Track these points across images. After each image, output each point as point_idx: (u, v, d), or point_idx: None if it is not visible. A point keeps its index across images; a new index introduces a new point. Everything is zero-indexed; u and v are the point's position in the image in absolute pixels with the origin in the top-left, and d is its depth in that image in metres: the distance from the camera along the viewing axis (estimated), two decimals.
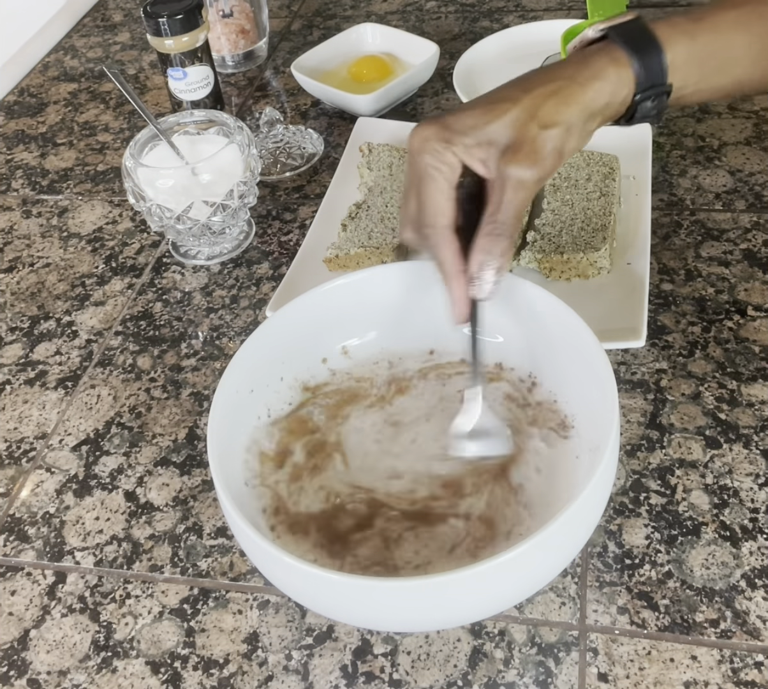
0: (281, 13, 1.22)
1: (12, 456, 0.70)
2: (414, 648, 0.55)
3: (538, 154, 0.52)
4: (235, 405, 0.57)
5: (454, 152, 0.53)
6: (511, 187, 0.52)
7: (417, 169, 0.54)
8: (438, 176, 0.53)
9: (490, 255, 0.53)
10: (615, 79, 0.54)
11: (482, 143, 0.53)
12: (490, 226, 0.53)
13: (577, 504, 0.46)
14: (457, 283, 0.55)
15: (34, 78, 1.17)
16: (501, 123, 0.53)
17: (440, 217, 0.54)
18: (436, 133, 0.53)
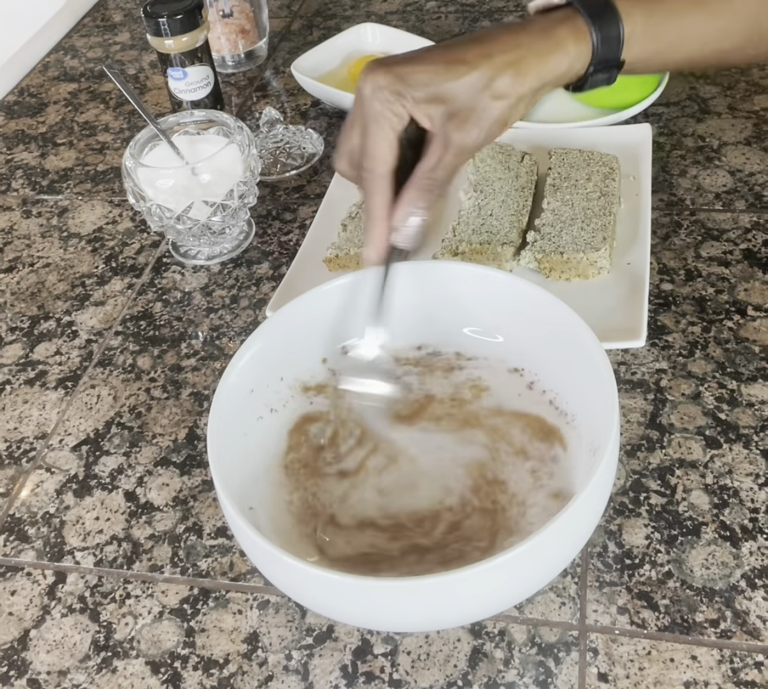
0: (281, 13, 1.22)
1: (12, 456, 0.70)
2: (414, 648, 0.55)
3: (485, 123, 0.55)
4: (235, 405, 0.57)
5: (403, 104, 0.54)
6: (452, 151, 0.55)
7: (365, 113, 0.55)
8: (385, 125, 0.55)
9: (417, 207, 0.56)
10: (574, 53, 0.56)
11: (432, 100, 0.54)
12: (423, 181, 0.56)
13: (577, 504, 0.46)
14: (379, 227, 0.56)
15: (34, 78, 1.17)
16: (455, 85, 0.54)
17: (380, 164, 0.56)
18: (389, 83, 0.54)
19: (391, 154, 0.55)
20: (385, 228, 0.56)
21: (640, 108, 0.89)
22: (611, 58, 0.57)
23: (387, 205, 0.56)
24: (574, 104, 0.93)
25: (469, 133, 0.55)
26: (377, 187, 0.56)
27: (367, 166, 0.56)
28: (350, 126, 0.58)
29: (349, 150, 0.59)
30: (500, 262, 0.74)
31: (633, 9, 0.57)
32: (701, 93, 0.94)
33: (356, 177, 0.59)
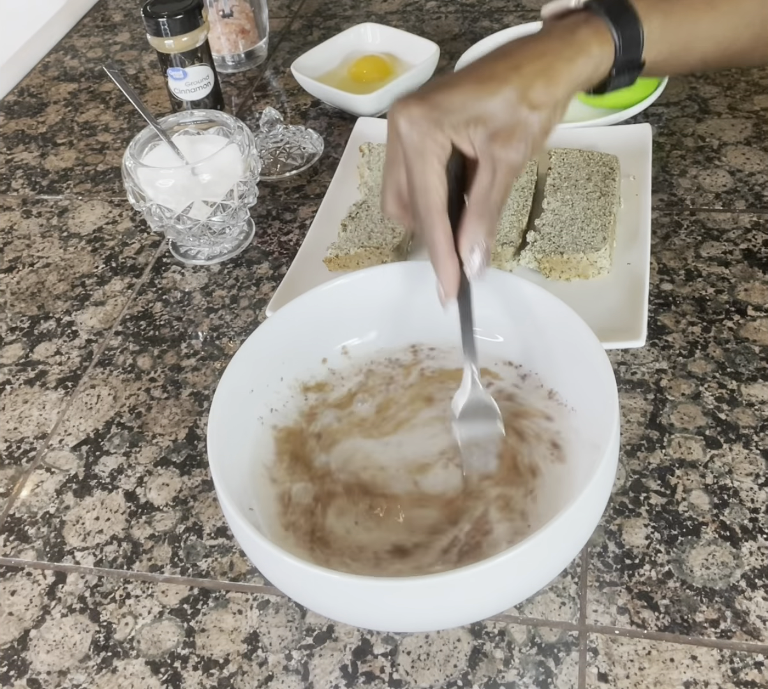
0: (281, 13, 1.22)
1: (12, 456, 0.70)
2: (414, 648, 0.55)
3: (529, 136, 0.54)
4: (235, 405, 0.57)
5: (444, 133, 0.53)
6: (502, 171, 0.54)
7: (406, 148, 0.54)
8: (431, 158, 0.53)
9: (480, 235, 0.54)
10: (598, 54, 0.56)
11: (471, 123, 0.53)
12: (479, 207, 0.54)
13: (577, 504, 0.46)
14: (449, 263, 0.55)
15: (34, 78, 1.17)
16: (491, 103, 0.53)
17: (434, 198, 0.54)
18: (426, 114, 0.53)
19: (442, 185, 0.54)
20: (454, 262, 0.55)
21: (640, 108, 0.89)
22: (633, 60, 0.57)
23: (450, 239, 0.55)
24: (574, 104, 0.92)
25: (516, 149, 0.53)
26: (436, 222, 0.54)
27: (421, 202, 0.54)
28: (391, 165, 0.56)
29: (395, 189, 0.57)
30: (500, 262, 0.74)
31: (650, 10, 0.57)
32: (701, 93, 0.94)
33: (406, 217, 0.58)
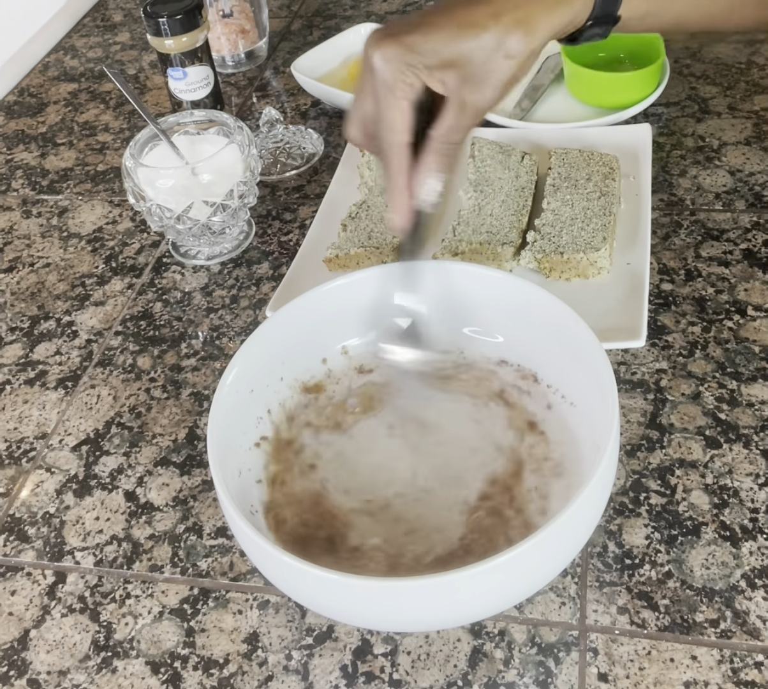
0: (281, 13, 1.22)
1: (12, 456, 0.70)
2: (414, 648, 0.55)
3: (500, 83, 0.55)
4: (235, 405, 0.57)
5: (416, 74, 0.55)
6: (468, 113, 0.56)
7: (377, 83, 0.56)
8: (400, 96, 0.55)
9: (434, 171, 0.56)
10: (578, 6, 0.57)
11: (445, 65, 0.54)
12: (440, 145, 0.56)
13: (577, 504, 0.46)
14: (403, 194, 0.57)
15: (34, 78, 1.17)
16: (467, 49, 0.54)
17: (398, 134, 0.56)
18: (401, 54, 0.54)
19: (407, 122, 0.56)
20: (408, 194, 0.57)
21: (640, 108, 0.89)
22: (609, 13, 0.58)
23: (407, 172, 0.57)
24: (574, 104, 0.93)
25: (485, 94, 0.55)
26: (396, 156, 0.56)
27: (385, 136, 0.56)
28: (360, 94, 0.58)
29: (360, 118, 0.59)
30: (500, 262, 0.74)
31: None
32: (701, 93, 0.94)
33: (368, 144, 0.60)
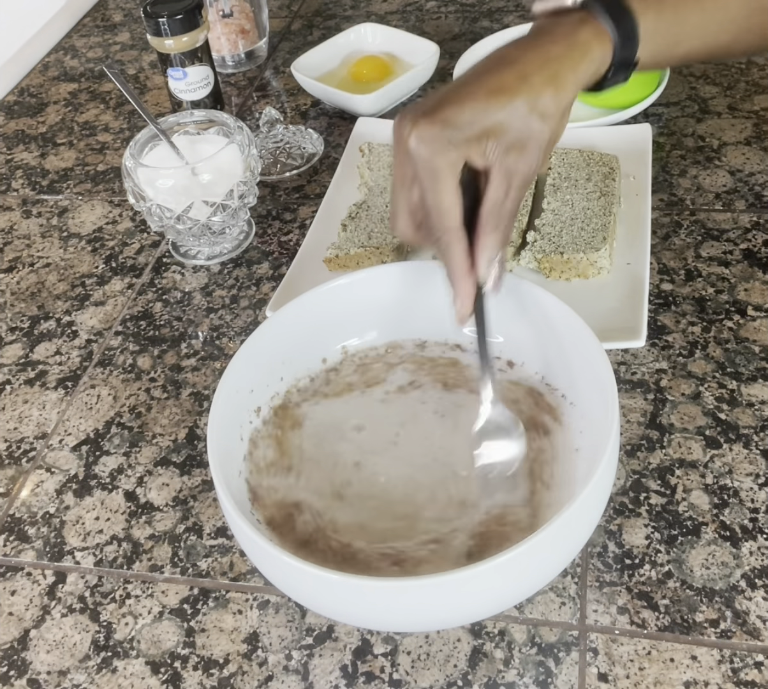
0: (281, 13, 1.22)
1: (12, 456, 0.70)
2: (414, 648, 0.55)
3: (541, 146, 0.54)
4: (235, 405, 0.57)
5: (458, 150, 0.53)
6: (517, 182, 0.54)
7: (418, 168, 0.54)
8: (446, 177, 0.53)
9: (496, 249, 0.55)
10: (599, 57, 0.56)
11: (483, 137, 0.53)
12: (493, 220, 0.54)
13: (577, 504, 0.46)
14: (468, 282, 0.55)
15: (34, 78, 1.17)
16: (502, 116, 0.53)
17: (452, 218, 0.54)
18: (437, 132, 0.52)
19: (458, 204, 0.54)
20: (472, 279, 0.55)
21: (640, 108, 0.89)
22: (628, 58, 0.57)
23: (468, 257, 0.55)
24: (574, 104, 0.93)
25: (530, 160, 0.54)
26: (454, 242, 0.54)
27: (439, 223, 0.54)
28: (401, 184, 0.56)
29: (408, 210, 0.57)
30: None
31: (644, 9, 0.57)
32: (701, 93, 0.94)
33: (423, 236, 0.58)
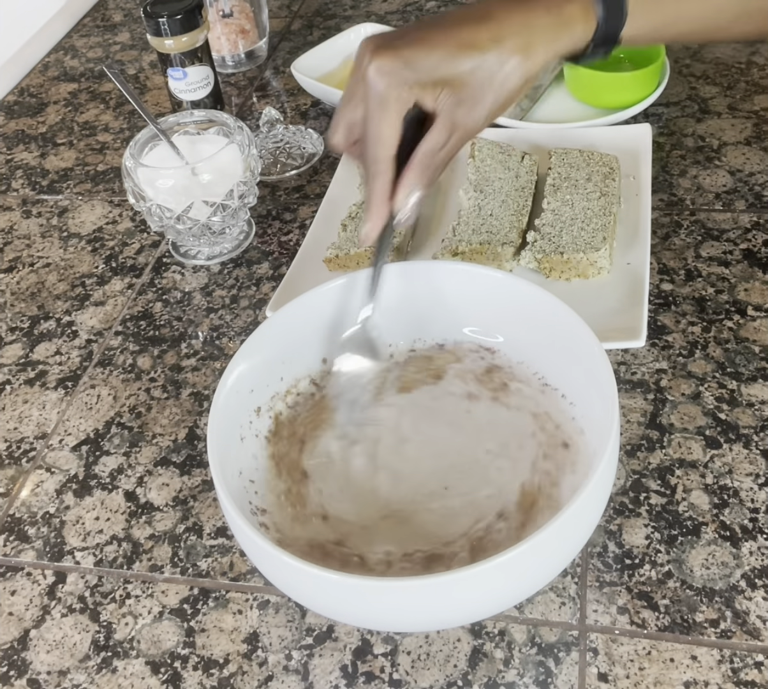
0: (281, 13, 1.22)
1: (12, 456, 0.70)
2: (414, 648, 0.55)
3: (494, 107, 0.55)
4: (235, 405, 0.57)
5: (411, 90, 0.54)
6: (458, 134, 0.56)
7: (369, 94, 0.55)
8: (392, 111, 0.55)
9: (417, 187, 0.57)
10: (581, 32, 0.57)
11: (440, 84, 0.54)
12: (425, 162, 0.56)
13: (577, 504, 0.46)
14: (382, 207, 0.57)
15: (34, 78, 1.17)
16: (465, 70, 0.54)
17: (385, 148, 0.56)
18: (397, 68, 0.54)
19: (395, 137, 0.56)
20: (387, 207, 0.57)
21: (640, 108, 0.89)
22: (611, 35, 0.58)
23: (389, 186, 0.57)
24: (574, 104, 0.93)
25: (476, 116, 0.55)
26: (380, 170, 0.56)
27: (371, 148, 0.56)
28: (350, 100, 0.58)
29: (347, 125, 0.59)
30: (500, 262, 0.74)
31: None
32: (701, 93, 0.94)
33: (350, 151, 0.60)
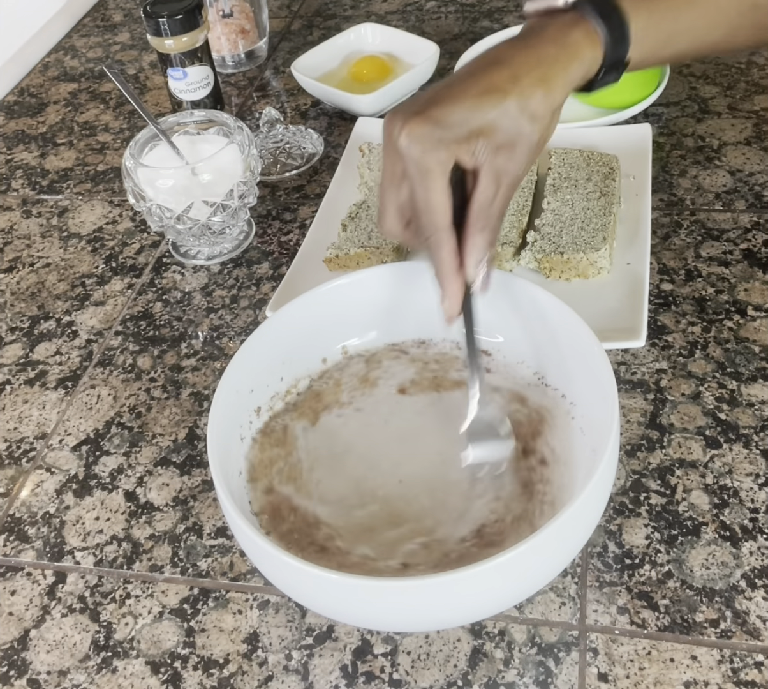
0: (281, 13, 1.22)
1: (12, 456, 0.70)
2: (414, 648, 0.55)
3: (531, 147, 0.54)
4: (235, 405, 0.57)
5: (448, 149, 0.53)
6: (506, 182, 0.54)
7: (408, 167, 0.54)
8: (436, 176, 0.53)
9: (484, 249, 0.55)
10: (590, 59, 0.56)
11: (472, 137, 0.53)
12: (482, 220, 0.54)
13: (577, 504, 0.46)
14: (456, 281, 0.55)
15: (34, 78, 1.17)
16: (493, 117, 0.53)
17: (442, 218, 0.54)
18: (428, 131, 0.52)
19: (447, 203, 0.54)
20: (460, 278, 0.55)
21: (640, 108, 0.89)
22: (619, 59, 0.57)
23: (455, 255, 0.55)
24: (574, 104, 0.93)
25: (519, 160, 0.54)
26: (443, 241, 0.54)
27: (428, 222, 0.54)
28: (390, 182, 0.56)
29: (396, 209, 0.57)
30: (500, 262, 0.74)
31: (635, 10, 0.57)
32: (701, 93, 0.94)
33: (410, 235, 0.58)
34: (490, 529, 0.54)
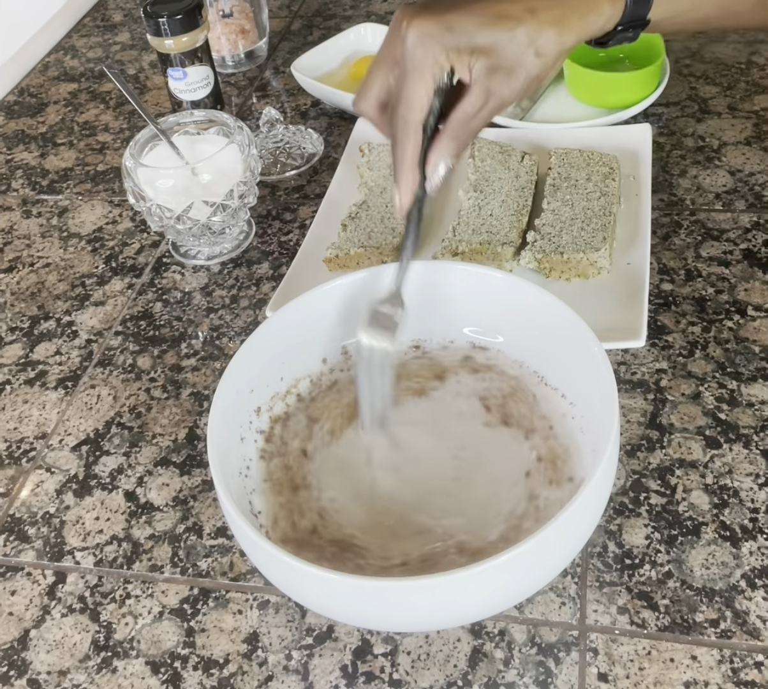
0: (281, 13, 1.22)
1: (12, 456, 0.70)
2: (414, 648, 0.55)
3: (527, 79, 0.56)
4: (235, 405, 0.57)
5: (449, 55, 0.54)
6: (492, 103, 0.56)
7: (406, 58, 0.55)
8: (428, 75, 0.55)
9: (448, 155, 0.56)
10: (609, 13, 0.57)
11: (476, 51, 0.54)
12: (456, 130, 0.56)
13: (577, 504, 0.46)
14: (411, 176, 0.57)
15: (34, 78, 1.17)
16: (501, 39, 0.54)
17: (416, 113, 0.56)
18: (437, 33, 0.54)
19: (427, 102, 0.56)
20: (416, 174, 0.57)
21: (640, 108, 0.89)
22: (639, 17, 0.59)
23: (418, 152, 0.57)
24: (574, 104, 0.93)
25: (512, 86, 0.55)
26: (410, 135, 0.56)
27: (403, 113, 0.56)
28: (383, 64, 0.58)
29: (379, 91, 0.58)
30: (500, 262, 0.74)
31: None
32: (701, 93, 0.94)
33: (378, 118, 0.60)
34: None
